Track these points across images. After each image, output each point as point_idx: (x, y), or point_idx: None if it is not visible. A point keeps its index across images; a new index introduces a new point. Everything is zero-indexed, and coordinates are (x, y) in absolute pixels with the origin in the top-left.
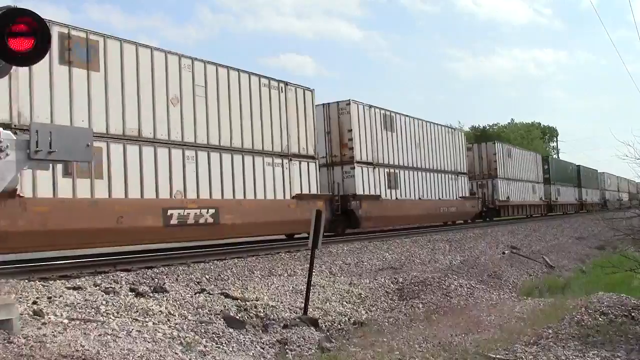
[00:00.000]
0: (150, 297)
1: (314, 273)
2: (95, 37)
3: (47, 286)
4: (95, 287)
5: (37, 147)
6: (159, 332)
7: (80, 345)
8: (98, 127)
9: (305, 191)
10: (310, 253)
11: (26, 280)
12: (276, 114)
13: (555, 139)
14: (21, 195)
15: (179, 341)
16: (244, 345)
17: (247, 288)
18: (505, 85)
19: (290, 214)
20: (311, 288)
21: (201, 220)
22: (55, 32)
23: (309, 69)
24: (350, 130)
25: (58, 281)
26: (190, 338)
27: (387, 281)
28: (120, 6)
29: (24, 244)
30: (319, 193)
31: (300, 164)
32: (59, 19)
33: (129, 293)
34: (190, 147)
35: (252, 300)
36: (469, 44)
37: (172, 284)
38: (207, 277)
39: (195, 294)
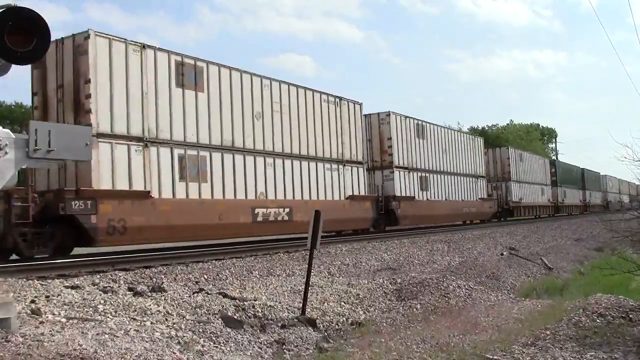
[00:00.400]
0: (149, 296)
1: (312, 273)
2: (200, 63)
3: (45, 285)
4: (94, 286)
5: (36, 145)
6: (156, 331)
7: (78, 344)
8: (203, 139)
9: (356, 193)
10: (308, 253)
11: (24, 279)
12: (333, 125)
13: (554, 141)
14: (152, 196)
15: (176, 340)
16: (241, 345)
17: (245, 288)
18: (504, 86)
19: (345, 213)
20: (309, 288)
21: (279, 218)
22: (172, 60)
23: (309, 69)
24: (390, 139)
25: (56, 280)
26: (188, 337)
27: (385, 282)
28: (120, 5)
29: (154, 236)
30: (366, 194)
31: (352, 169)
32: (59, 18)
33: (127, 292)
34: (269, 155)
35: (250, 300)
36: (469, 45)
37: (171, 284)
38: (205, 276)
39: (194, 293)
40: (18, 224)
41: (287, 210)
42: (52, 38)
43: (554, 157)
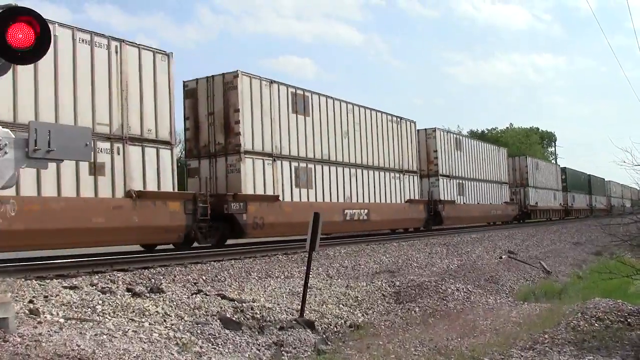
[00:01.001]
0: (147, 297)
1: (311, 275)
2: (307, 93)
3: (43, 285)
4: (92, 286)
5: (35, 145)
6: (155, 332)
7: (76, 344)
8: (310, 154)
9: (413, 197)
10: (307, 255)
11: (23, 279)
12: (396, 141)
13: (553, 144)
14: (279, 199)
15: (175, 342)
16: (239, 346)
17: (243, 289)
18: (504, 89)
19: (405, 214)
20: (308, 290)
21: (360, 217)
22: (289, 92)
23: (309, 71)
24: (435, 151)
25: (55, 280)
26: (186, 339)
27: (384, 284)
28: (120, 6)
29: (280, 230)
30: (420, 198)
31: (409, 177)
32: (59, 19)
33: (126, 293)
34: (353, 167)
35: (249, 302)
36: (469, 48)
37: (169, 285)
38: (204, 278)
39: (192, 294)
40: (199, 220)
41: (366, 211)
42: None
43: (553, 161)
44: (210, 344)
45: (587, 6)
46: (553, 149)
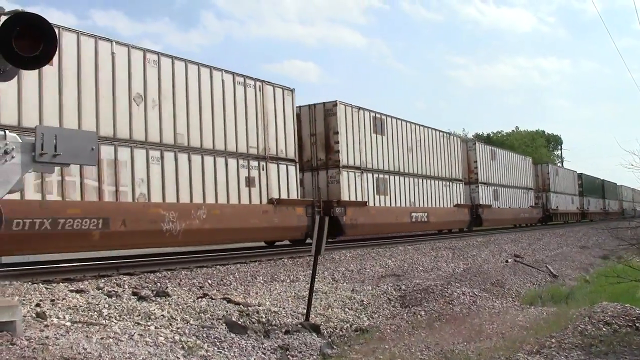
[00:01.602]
0: (153, 301)
1: (316, 279)
2: (383, 117)
3: (50, 289)
4: (98, 290)
5: (42, 150)
6: (160, 336)
7: (83, 348)
8: (386, 167)
9: (459, 202)
10: (313, 259)
11: (30, 283)
12: (446, 153)
13: (559, 147)
14: (367, 204)
15: (180, 345)
16: (245, 350)
17: (249, 293)
18: (509, 93)
19: (453, 216)
20: (313, 294)
21: (422, 219)
22: (371, 116)
23: (312, 75)
24: (475, 161)
25: (61, 284)
26: (192, 342)
27: (389, 288)
28: (125, 12)
29: (368, 231)
30: (464, 203)
31: (456, 184)
32: (65, 24)
33: (132, 297)
34: (416, 177)
35: (255, 306)
36: (473, 52)
37: (175, 288)
38: (209, 281)
39: (198, 298)
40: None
41: (426, 214)
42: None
43: (559, 164)
44: (215, 348)
45: (592, 9)
46: (559, 152)
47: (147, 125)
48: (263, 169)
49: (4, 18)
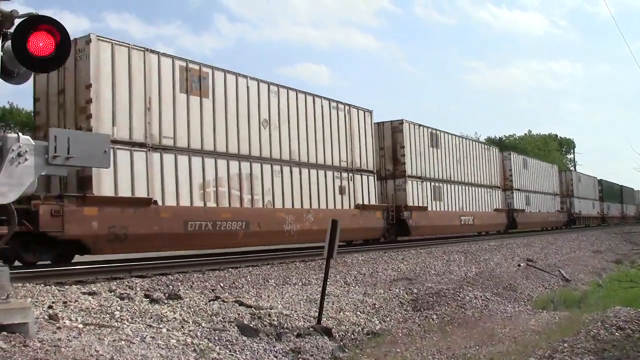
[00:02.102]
0: (165, 303)
1: (328, 282)
2: (437, 132)
3: (62, 291)
4: (110, 292)
5: (55, 152)
6: (172, 338)
7: (95, 350)
8: (441, 176)
9: (498, 207)
10: (325, 262)
11: (42, 285)
12: (487, 163)
13: (572, 151)
14: (427, 209)
15: (192, 348)
16: (257, 353)
17: (261, 296)
18: (521, 96)
19: (493, 219)
20: (325, 297)
21: (469, 222)
22: (429, 131)
23: (324, 78)
24: (511, 170)
25: (74, 286)
26: (204, 345)
27: (401, 292)
28: (138, 15)
29: (428, 232)
30: (502, 207)
31: (495, 190)
32: (79, 27)
33: (144, 299)
34: (465, 185)
35: (266, 309)
36: (485, 55)
37: (187, 291)
38: (221, 284)
39: (210, 301)
40: (389, 224)
41: (472, 217)
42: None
43: (572, 168)
44: (227, 351)
45: (604, 12)
46: (572, 155)
47: (271, 144)
48: (351, 179)
49: (18, 21)
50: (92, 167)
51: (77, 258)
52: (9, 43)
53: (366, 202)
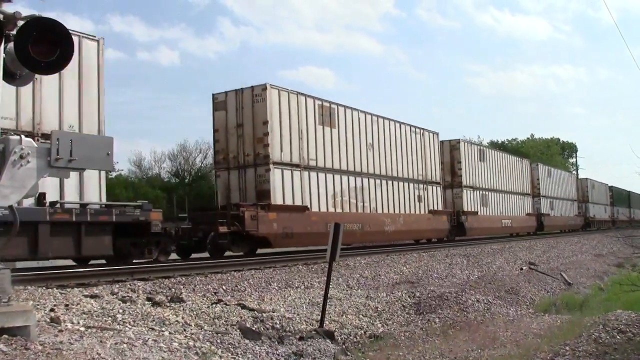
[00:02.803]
0: (167, 306)
1: (331, 286)
2: (483, 148)
3: (64, 294)
4: (113, 295)
5: (57, 154)
6: (175, 341)
7: (97, 353)
8: (487, 185)
9: (528, 211)
10: (327, 266)
11: (44, 287)
12: (519, 173)
13: (574, 155)
14: (478, 213)
15: (194, 351)
16: (259, 356)
17: (263, 299)
18: (524, 100)
19: (526, 222)
20: (328, 301)
21: (508, 225)
22: (477, 147)
23: (329, 82)
24: (538, 179)
25: (76, 289)
26: (206, 348)
27: (404, 295)
28: (142, 18)
29: (478, 233)
30: (532, 212)
31: (526, 198)
32: (82, 30)
33: (146, 302)
34: (504, 193)
35: (269, 312)
36: (489, 59)
37: (189, 294)
38: (224, 287)
39: (212, 304)
40: (451, 226)
41: (510, 221)
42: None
43: (574, 172)
44: (230, 354)
45: (607, 17)
46: (574, 159)
47: (374, 163)
48: (424, 189)
49: (21, 23)
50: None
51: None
52: (11, 45)
53: (436, 208)
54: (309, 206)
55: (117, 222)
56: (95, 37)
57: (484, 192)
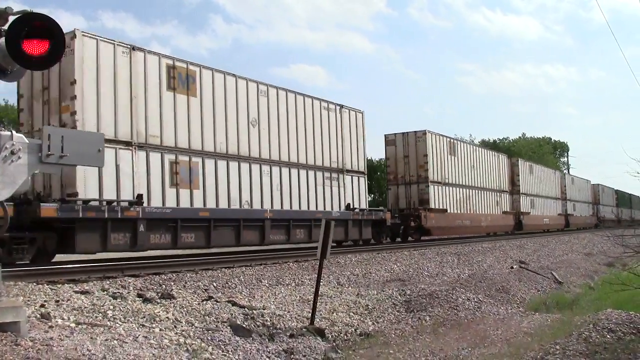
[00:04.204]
0: (158, 303)
1: (321, 283)
2: (535, 165)
3: (55, 290)
4: (103, 291)
5: (49, 150)
6: (165, 338)
7: (87, 349)
8: (535, 192)
9: (559, 212)
10: (318, 263)
11: (34, 283)
12: (553, 180)
13: (566, 154)
14: (530, 213)
15: (185, 348)
16: (250, 353)
17: (254, 296)
18: (516, 99)
19: (557, 220)
20: (318, 298)
21: (546, 222)
22: (531, 165)
23: (321, 80)
24: (565, 185)
25: (66, 285)
26: (196, 345)
27: (394, 293)
28: (134, 14)
29: (528, 229)
30: (562, 212)
31: (556, 201)
32: (74, 26)
33: (137, 298)
34: (544, 197)
35: (259, 309)
36: (481, 58)
37: (180, 291)
38: (214, 284)
39: (203, 301)
40: (515, 222)
41: (548, 219)
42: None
43: (565, 171)
44: (220, 351)
45: (598, 18)
46: (565, 159)
47: (465, 175)
48: (500, 197)
49: (12, 18)
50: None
51: (71, 257)
52: (2, 40)
53: (505, 210)
54: (447, 209)
55: (375, 219)
56: (360, 110)
57: (533, 198)
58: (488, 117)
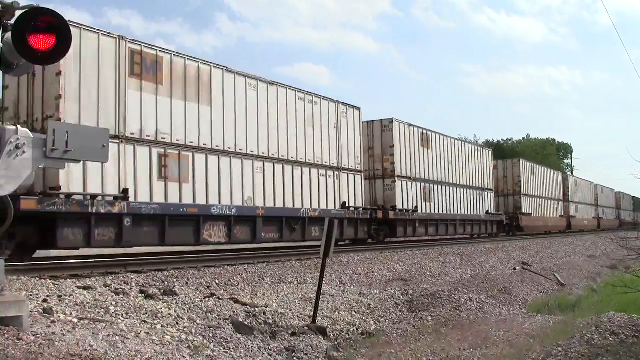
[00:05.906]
0: (160, 299)
1: (324, 282)
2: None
3: (57, 285)
4: (106, 287)
5: (53, 145)
6: (167, 334)
7: (89, 345)
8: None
9: (561, 214)
10: (321, 262)
11: (37, 278)
12: (577, 187)
13: (570, 156)
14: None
15: (187, 344)
16: (251, 351)
17: (256, 294)
18: (520, 101)
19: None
20: (321, 297)
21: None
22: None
23: (325, 79)
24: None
25: (69, 280)
26: (198, 342)
27: (397, 293)
28: (140, 11)
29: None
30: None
31: (559, 202)
32: (84, 22)
33: (139, 295)
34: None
35: (261, 307)
36: (484, 59)
37: (182, 288)
38: (217, 281)
39: (205, 298)
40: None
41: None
42: None
43: (569, 173)
44: (222, 348)
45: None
46: (569, 160)
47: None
48: (559, 203)
49: (19, 13)
50: None
51: (75, 252)
52: (9, 35)
53: (560, 214)
54: (526, 211)
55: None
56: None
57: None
58: (492, 118)
